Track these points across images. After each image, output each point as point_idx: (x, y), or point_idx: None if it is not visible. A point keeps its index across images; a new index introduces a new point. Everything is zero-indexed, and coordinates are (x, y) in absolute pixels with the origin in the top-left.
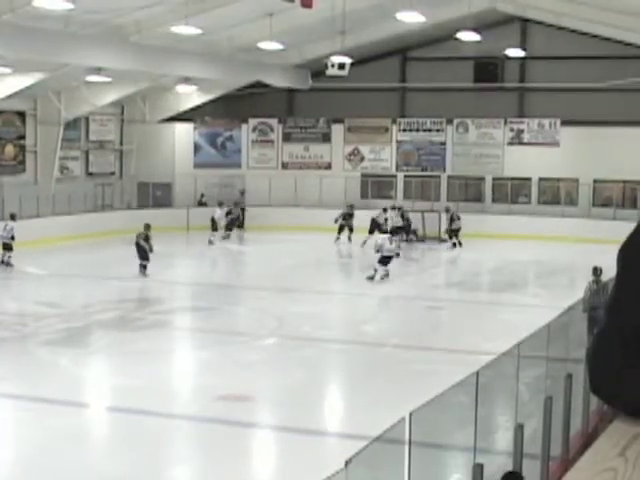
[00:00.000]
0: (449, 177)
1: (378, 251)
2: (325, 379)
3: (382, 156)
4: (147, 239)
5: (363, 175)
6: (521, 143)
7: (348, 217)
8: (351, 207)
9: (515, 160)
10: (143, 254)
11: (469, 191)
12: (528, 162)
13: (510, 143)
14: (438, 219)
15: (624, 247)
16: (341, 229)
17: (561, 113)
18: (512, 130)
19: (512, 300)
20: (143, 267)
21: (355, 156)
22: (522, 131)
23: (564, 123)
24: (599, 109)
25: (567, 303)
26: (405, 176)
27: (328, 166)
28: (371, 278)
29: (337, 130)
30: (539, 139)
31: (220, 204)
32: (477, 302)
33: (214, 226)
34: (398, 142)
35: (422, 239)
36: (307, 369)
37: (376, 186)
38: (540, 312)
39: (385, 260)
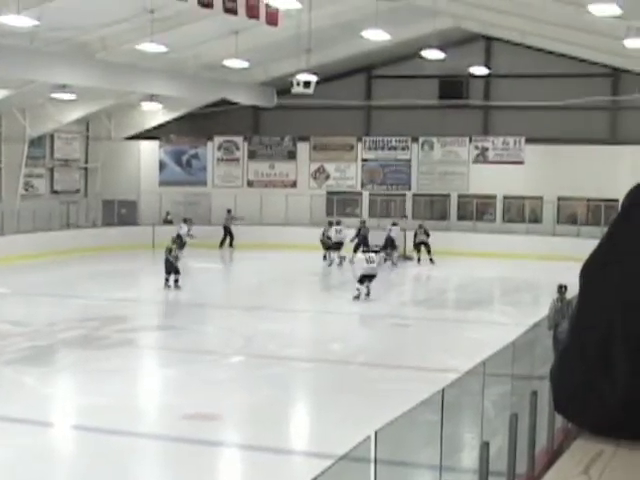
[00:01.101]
0: (414, 195)
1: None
2: (292, 398)
3: (347, 174)
4: (171, 251)
5: (329, 193)
6: (486, 161)
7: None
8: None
9: (480, 178)
10: (170, 268)
11: (434, 209)
12: (493, 180)
13: (475, 161)
14: (403, 237)
15: (586, 265)
16: (328, 247)
17: (525, 131)
18: (477, 148)
19: (478, 317)
20: (175, 281)
21: (321, 174)
22: (487, 149)
23: (528, 141)
24: (563, 127)
25: (532, 320)
26: (370, 194)
27: (293, 184)
28: (357, 297)
29: (302, 148)
30: (504, 157)
31: (185, 220)
32: (443, 319)
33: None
34: (363, 160)
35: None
36: (274, 387)
37: (341, 204)
38: (506, 329)
39: (364, 279)
